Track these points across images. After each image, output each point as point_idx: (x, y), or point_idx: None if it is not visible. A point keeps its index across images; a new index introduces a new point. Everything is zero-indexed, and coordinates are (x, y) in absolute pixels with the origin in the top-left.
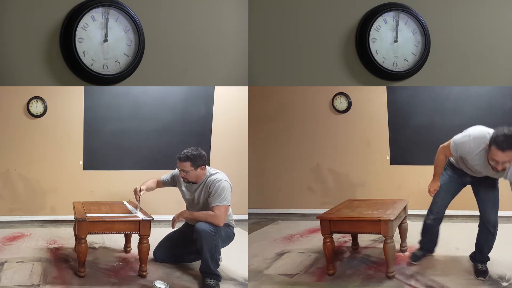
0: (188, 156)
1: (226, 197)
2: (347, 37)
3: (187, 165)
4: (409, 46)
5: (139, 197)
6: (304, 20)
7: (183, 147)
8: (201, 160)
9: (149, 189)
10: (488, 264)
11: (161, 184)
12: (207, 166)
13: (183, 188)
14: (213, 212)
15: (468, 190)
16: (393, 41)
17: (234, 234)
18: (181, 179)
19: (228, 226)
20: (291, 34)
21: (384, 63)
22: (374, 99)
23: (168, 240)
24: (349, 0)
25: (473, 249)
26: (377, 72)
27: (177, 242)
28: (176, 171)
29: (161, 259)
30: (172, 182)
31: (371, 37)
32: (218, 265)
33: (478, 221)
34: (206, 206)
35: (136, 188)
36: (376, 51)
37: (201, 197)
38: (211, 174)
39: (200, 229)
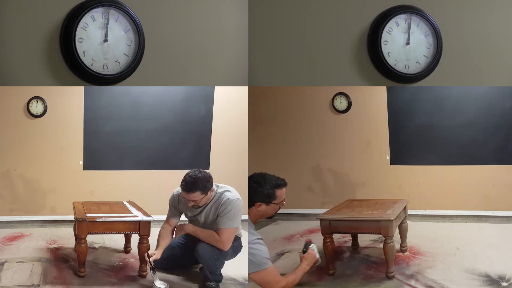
0: (196, 186)
1: (236, 219)
2: (359, 40)
3: (197, 195)
4: (421, 48)
5: (151, 266)
6: (309, 22)
7: (183, 147)
8: (209, 183)
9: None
10: (488, 264)
11: (175, 223)
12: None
13: (187, 210)
14: (219, 237)
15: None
16: (405, 43)
17: (241, 246)
18: (183, 200)
19: (236, 239)
20: (291, 34)
21: (396, 66)
22: (374, 99)
23: (167, 251)
24: (361, 2)
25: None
26: (389, 75)
27: (177, 254)
28: (172, 196)
29: (160, 268)
30: (178, 210)
31: (383, 39)
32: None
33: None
34: (215, 225)
35: (145, 254)
36: (388, 53)
37: (210, 217)
38: (221, 193)
39: (202, 253)
